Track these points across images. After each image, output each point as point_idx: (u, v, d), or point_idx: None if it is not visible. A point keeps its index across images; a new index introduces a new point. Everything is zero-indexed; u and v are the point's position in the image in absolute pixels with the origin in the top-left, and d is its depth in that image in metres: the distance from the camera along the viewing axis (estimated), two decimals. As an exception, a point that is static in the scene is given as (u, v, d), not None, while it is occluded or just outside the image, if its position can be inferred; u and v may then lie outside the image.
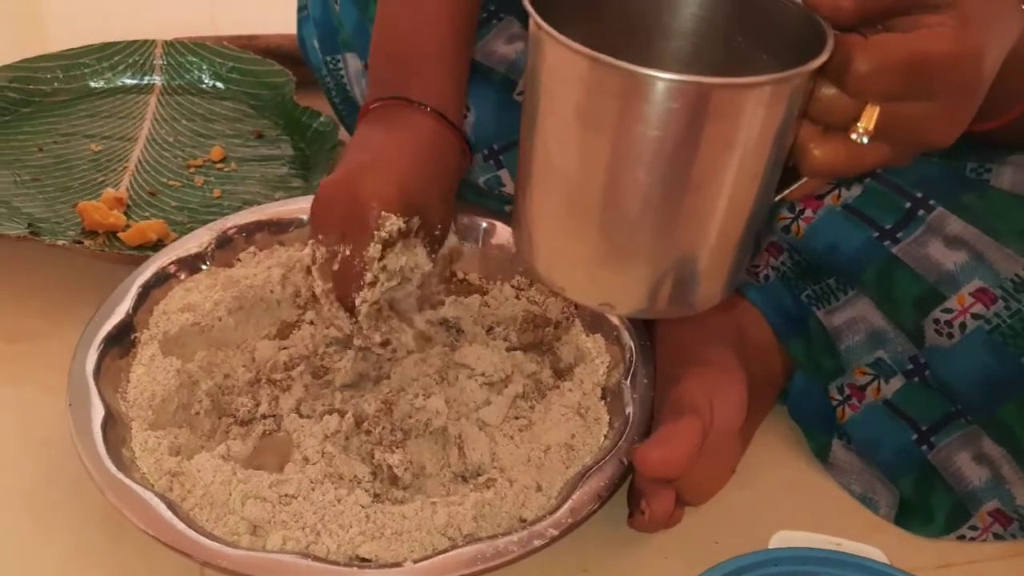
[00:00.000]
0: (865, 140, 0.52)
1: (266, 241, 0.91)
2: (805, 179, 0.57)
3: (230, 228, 0.90)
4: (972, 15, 0.53)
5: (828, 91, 0.53)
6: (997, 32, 0.55)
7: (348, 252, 0.73)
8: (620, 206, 0.54)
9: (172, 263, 0.86)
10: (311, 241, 0.75)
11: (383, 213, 0.72)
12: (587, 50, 0.50)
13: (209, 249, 0.88)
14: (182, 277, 0.86)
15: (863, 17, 0.53)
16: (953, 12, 0.52)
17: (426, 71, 0.80)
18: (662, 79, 0.49)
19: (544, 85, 0.54)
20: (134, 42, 1.26)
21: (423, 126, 0.77)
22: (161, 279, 0.85)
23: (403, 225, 0.73)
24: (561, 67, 0.52)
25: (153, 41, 1.27)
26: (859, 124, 0.52)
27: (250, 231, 0.90)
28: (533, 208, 0.59)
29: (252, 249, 0.90)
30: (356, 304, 0.73)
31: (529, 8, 0.53)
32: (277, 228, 0.91)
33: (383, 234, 0.72)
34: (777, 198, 0.58)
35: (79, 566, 0.73)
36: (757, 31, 0.57)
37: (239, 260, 0.89)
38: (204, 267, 0.88)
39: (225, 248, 0.89)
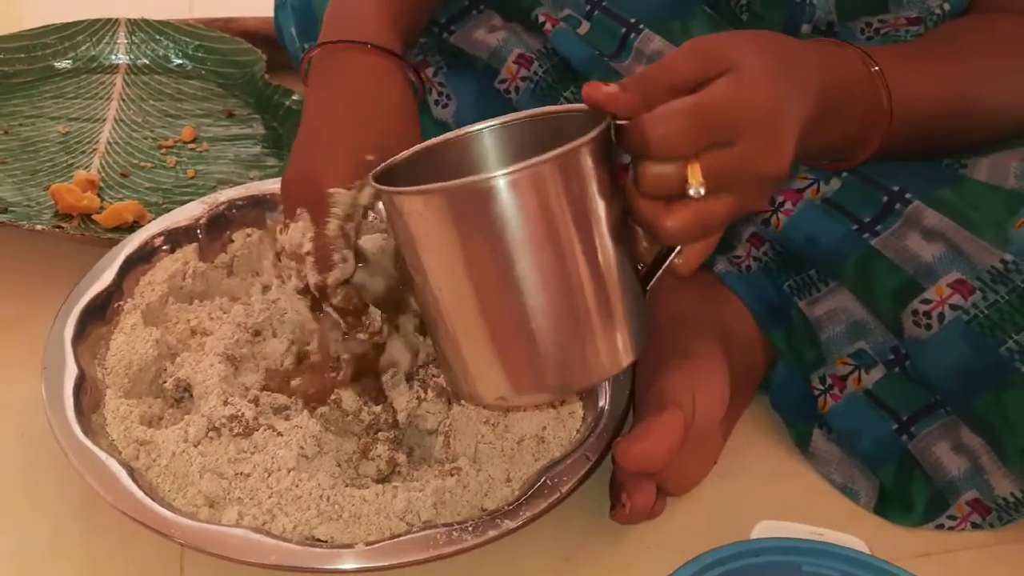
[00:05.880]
0: (701, 192, 0.56)
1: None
2: (678, 249, 0.60)
3: (222, 203, 0.89)
4: (750, 71, 0.57)
5: (650, 168, 0.56)
6: (790, 80, 0.60)
7: (313, 235, 0.72)
8: (474, 312, 0.58)
9: (159, 235, 0.86)
10: (279, 226, 0.75)
11: (331, 191, 0.71)
12: (396, 188, 0.57)
13: (201, 222, 0.87)
14: (169, 249, 0.86)
15: (648, 105, 0.56)
16: (731, 73, 0.57)
17: (362, 20, 0.80)
18: (456, 188, 0.55)
19: (394, 226, 0.60)
20: (96, 21, 1.24)
21: (360, 64, 0.77)
22: (148, 252, 0.85)
23: (356, 193, 0.72)
24: (392, 210, 0.59)
25: (116, 20, 1.25)
26: (689, 181, 0.56)
27: (242, 207, 0.89)
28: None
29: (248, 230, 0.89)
30: (328, 284, 0.72)
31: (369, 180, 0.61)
32: (271, 205, 0.90)
33: (337, 211, 0.71)
34: (656, 277, 0.61)
35: (58, 555, 0.72)
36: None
37: (232, 240, 0.88)
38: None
39: (217, 223, 0.88)
